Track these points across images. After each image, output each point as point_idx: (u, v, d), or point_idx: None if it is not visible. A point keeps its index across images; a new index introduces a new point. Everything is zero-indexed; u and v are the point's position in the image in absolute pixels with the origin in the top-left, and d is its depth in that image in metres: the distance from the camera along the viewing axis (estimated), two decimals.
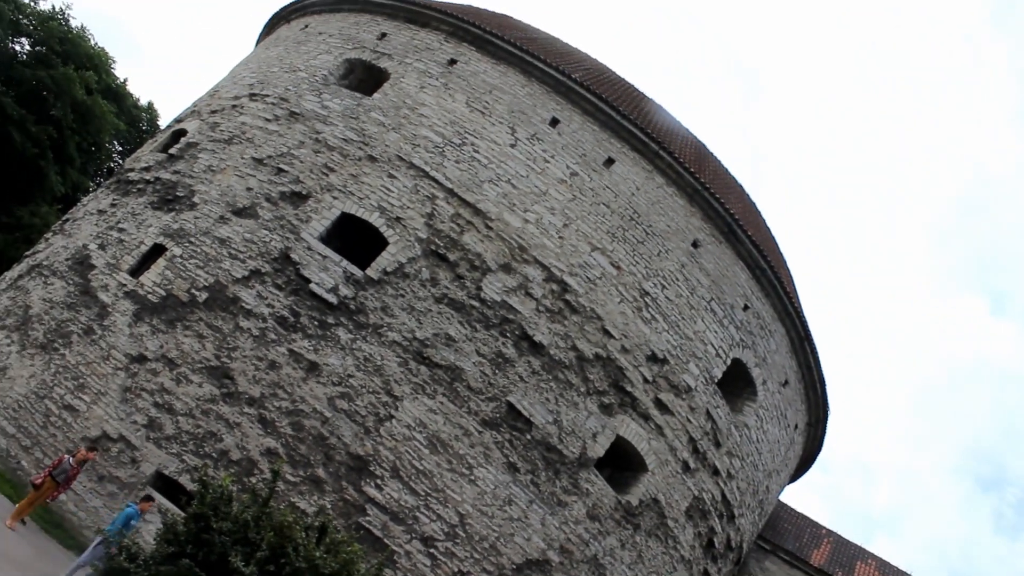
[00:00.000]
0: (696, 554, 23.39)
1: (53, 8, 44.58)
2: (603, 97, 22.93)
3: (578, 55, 26.89)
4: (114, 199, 24.04)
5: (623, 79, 26.98)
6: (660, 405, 21.78)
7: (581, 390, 20.85)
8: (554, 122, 22.82)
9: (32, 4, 43.81)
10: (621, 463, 21.98)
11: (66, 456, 17.55)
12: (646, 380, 21.63)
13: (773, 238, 28.50)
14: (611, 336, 21.31)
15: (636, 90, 26.71)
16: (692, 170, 23.18)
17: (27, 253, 25.63)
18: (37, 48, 43.66)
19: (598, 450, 20.93)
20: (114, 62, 47.88)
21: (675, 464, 22.16)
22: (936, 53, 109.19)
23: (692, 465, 22.54)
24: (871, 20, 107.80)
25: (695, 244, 23.16)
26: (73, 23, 45.38)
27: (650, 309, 22.05)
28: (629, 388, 21.31)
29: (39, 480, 17.22)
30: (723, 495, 23.74)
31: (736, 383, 24.28)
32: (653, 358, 21.84)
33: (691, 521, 22.92)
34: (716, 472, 23.28)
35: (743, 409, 24.47)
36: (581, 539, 20.54)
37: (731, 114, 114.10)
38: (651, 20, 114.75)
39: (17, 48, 43.70)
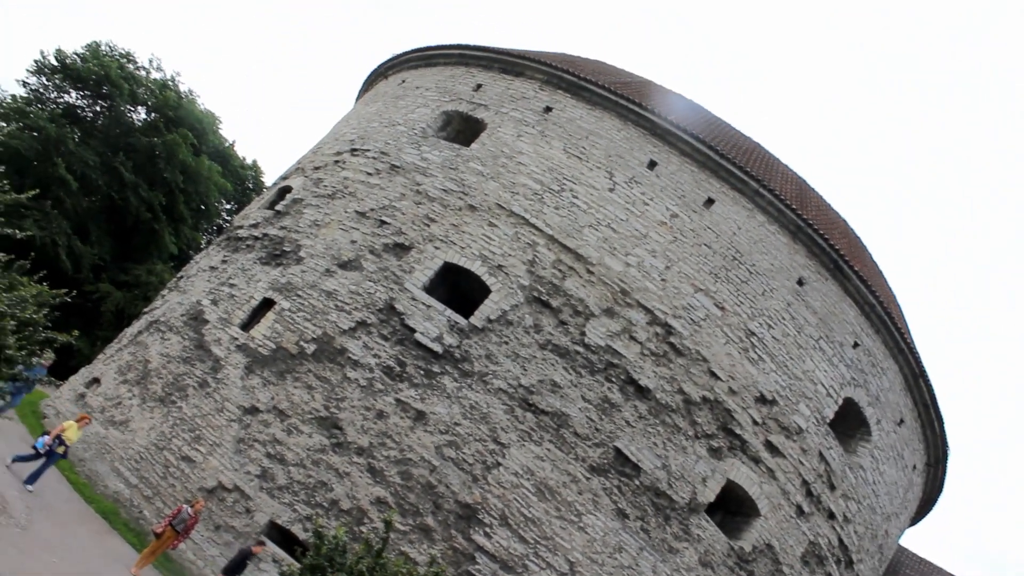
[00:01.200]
0: None
1: (165, 76, 46.94)
2: (700, 137, 22.79)
3: (673, 96, 26.84)
4: (225, 255, 24.87)
5: (719, 118, 26.82)
6: (771, 447, 21.28)
7: (689, 434, 20.53)
8: (652, 164, 22.76)
9: (145, 75, 46.19)
10: (732, 508, 21.49)
11: (184, 506, 18.04)
12: (755, 422, 21.18)
13: (880, 272, 27.75)
14: (718, 378, 20.97)
15: (733, 129, 26.52)
16: (793, 207, 22.79)
17: (145, 310, 26.66)
18: (151, 115, 45.96)
19: (708, 495, 20.51)
20: (220, 123, 49.93)
21: (788, 508, 21.56)
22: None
23: (806, 509, 21.90)
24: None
25: (800, 282, 22.70)
26: (182, 87, 47.67)
27: (757, 349, 21.64)
28: (738, 431, 20.89)
29: (160, 529, 17.71)
30: (840, 540, 22.96)
31: (849, 423, 23.58)
32: (762, 399, 21.39)
33: (807, 567, 22.19)
34: (832, 516, 22.55)
35: (857, 450, 23.71)
36: None
37: (833, 141, 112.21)
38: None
39: (134, 117, 46.08)
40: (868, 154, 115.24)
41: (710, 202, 22.56)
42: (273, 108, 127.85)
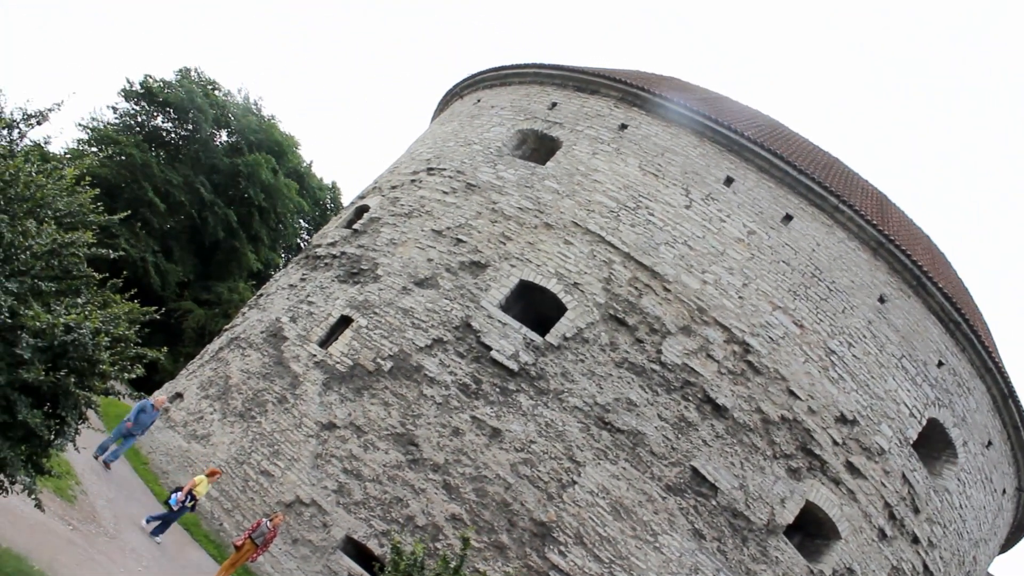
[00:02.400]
0: None
1: (248, 101, 48.34)
2: (777, 153, 22.51)
3: (749, 112, 26.60)
4: (303, 274, 25.33)
5: (796, 134, 26.47)
6: (851, 468, 20.81)
7: (767, 454, 20.20)
8: (728, 181, 22.55)
9: (227, 99, 47.64)
10: (811, 530, 21.06)
11: (263, 520, 18.35)
12: (835, 442, 20.75)
13: (965, 289, 27.01)
14: (797, 397, 20.61)
15: (812, 144, 26.14)
16: (874, 222, 22.33)
17: (226, 327, 27.26)
18: (233, 138, 47.35)
19: (787, 516, 20.14)
20: (299, 146, 51.05)
21: (870, 531, 21.04)
22: None
23: (889, 533, 21.34)
24: None
25: (882, 299, 22.22)
26: (264, 112, 49.02)
27: (837, 368, 21.22)
28: (818, 451, 20.48)
29: (240, 542, 18.03)
30: (924, 566, 22.31)
31: (933, 445, 22.94)
32: (842, 419, 20.95)
33: None
34: (916, 540, 21.94)
35: (942, 472, 23.05)
36: None
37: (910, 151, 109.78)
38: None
39: (217, 140, 47.59)
40: (950, 166, 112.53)
41: (788, 218, 22.25)
42: (351, 130, 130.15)
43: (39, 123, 9.48)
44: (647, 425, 19.81)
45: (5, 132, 9.17)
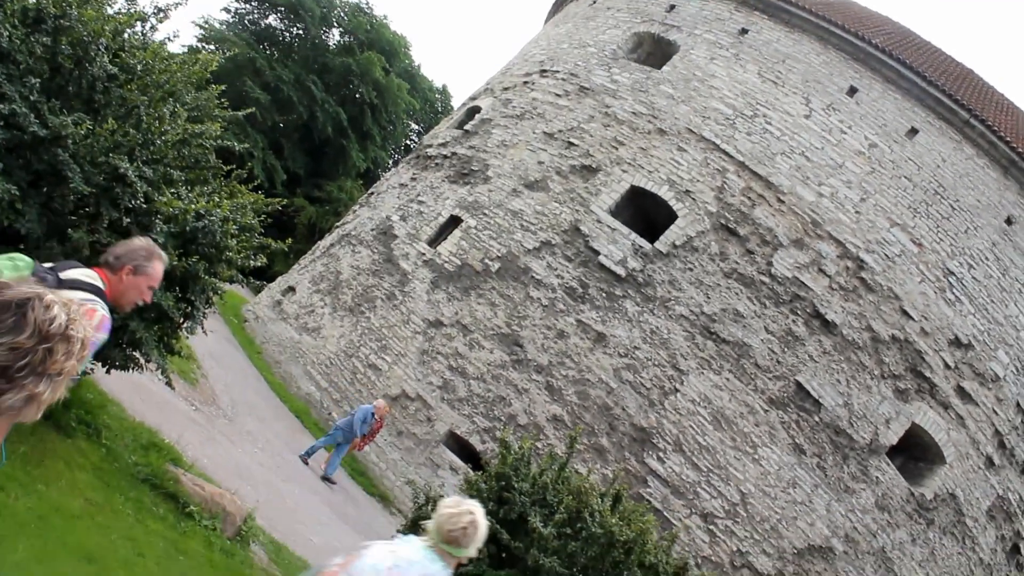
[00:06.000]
0: (998, 559, 21.61)
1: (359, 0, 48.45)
2: (906, 62, 21.47)
3: (877, 19, 25.34)
4: (414, 173, 25.53)
5: (929, 43, 25.14)
6: (962, 393, 20.28)
7: (875, 373, 19.82)
8: (852, 91, 21.68)
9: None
10: (915, 453, 20.71)
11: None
12: (947, 366, 20.21)
13: None
14: (910, 317, 20.07)
15: (944, 54, 24.82)
16: (1008, 139, 21.26)
17: (337, 224, 27.80)
18: (344, 38, 47.54)
19: (891, 437, 19.83)
20: (410, 47, 50.98)
21: (977, 458, 20.59)
22: None
23: (997, 461, 20.83)
24: None
25: (1008, 221, 21.28)
26: (376, 11, 49.06)
27: (954, 290, 20.54)
28: (928, 374, 20.00)
29: None
30: None
31: None
32: (956, 343, 20.35)
33: (993, 522, 21.21)
34: None
35: None
36: (868, 529, 19.58)
37: None
38: None
39: (328, 39, 47.85)
40: None
41: (913, 132, 21.34)
42: (461, 34, 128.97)
43: (164, 19, 9.64)
44: (753, 337, 19.61)
45: (139, 24, 9.35)
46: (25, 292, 2.08)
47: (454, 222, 22.87)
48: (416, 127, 54.08)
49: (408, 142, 53.35)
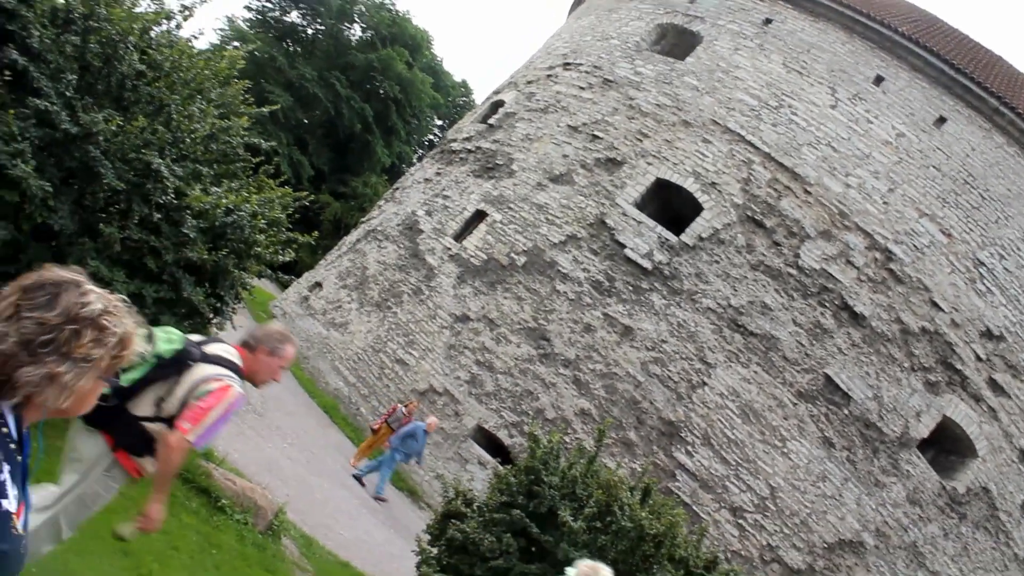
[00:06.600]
0: None
1: None
2: (933, 50, 21.23)
3: (903, 6, 25.09)
4: (439, 168, 25.56)
5: (956, 30, 24.85)
6: (994, 386, 20.04)
7: (905, 365, 19.64)
8: (878, 80, 21.47)
9: None
10: (947, 446, 20.49)
11: (399, 406, 18.96)
12: (979, 358, 19.97)
13: None
14: (940, 309, 19.85)
15: (972, 41, 24.52)
16: None
17: (363, 219, 27.88)
18: (366, 33, 47.66)
19: (921, 430, 19.63)
20: (433, 41, 51.07)
21: (1010, 452, 20.34)
22: None
23: None
24: None
25: None
26: (398, 6, 49.15)
27: (985, 281, 20.30)
28: (959, 366, 19.77)
29: (377, 426, 18.71)
30: None
31: None
32: (988, 334, 20.11)
33: None
34: None
35: None
36: (900, 523, 19.41)
37: None
38: None
39: (350, 35, 47.97)
40: None
41: (941, 121, 21.11)
42: (482, 30, 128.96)
43: (189, 17, 9.70)
44: (781, 330, 19.48)
45: (165, 23, 9.42)
46: (63, 276, 2.11)
47: (479, 216, 22.88)
48: (440, 122, 54.15)
49: (432, 137, 53.45)
